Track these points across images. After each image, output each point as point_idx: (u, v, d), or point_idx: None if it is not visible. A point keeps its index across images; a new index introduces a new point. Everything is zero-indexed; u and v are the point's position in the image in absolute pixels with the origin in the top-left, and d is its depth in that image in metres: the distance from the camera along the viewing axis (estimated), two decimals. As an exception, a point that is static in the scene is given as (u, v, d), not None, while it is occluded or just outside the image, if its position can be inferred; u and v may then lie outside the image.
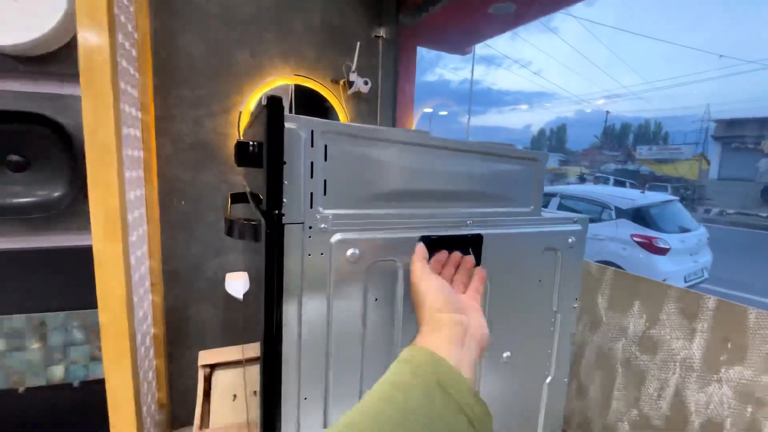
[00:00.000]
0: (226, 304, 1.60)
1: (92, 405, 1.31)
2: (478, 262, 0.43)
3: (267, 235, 0.32)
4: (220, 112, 1.49)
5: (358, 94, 1.66)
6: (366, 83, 1.58)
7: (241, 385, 0.73)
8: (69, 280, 1.28)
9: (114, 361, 1.04)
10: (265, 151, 0.31)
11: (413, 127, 1.88)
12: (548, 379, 0.52)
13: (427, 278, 0.37)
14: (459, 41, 1.98)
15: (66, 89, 1.24)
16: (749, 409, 0.55)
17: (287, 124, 0.32)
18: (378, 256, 0.38)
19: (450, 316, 0.35)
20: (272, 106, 0.30)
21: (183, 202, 1.48)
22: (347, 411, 0.26)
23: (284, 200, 0.33)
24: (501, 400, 0.49)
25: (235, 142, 1.48)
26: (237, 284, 1.39)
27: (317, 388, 0.37)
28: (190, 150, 1.47)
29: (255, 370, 0.75)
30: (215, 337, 1.56)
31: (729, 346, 0.58)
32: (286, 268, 0.33)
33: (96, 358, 1.34)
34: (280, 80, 1.55)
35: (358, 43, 1.58)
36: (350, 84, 1.57)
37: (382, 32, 1.62)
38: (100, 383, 1.31)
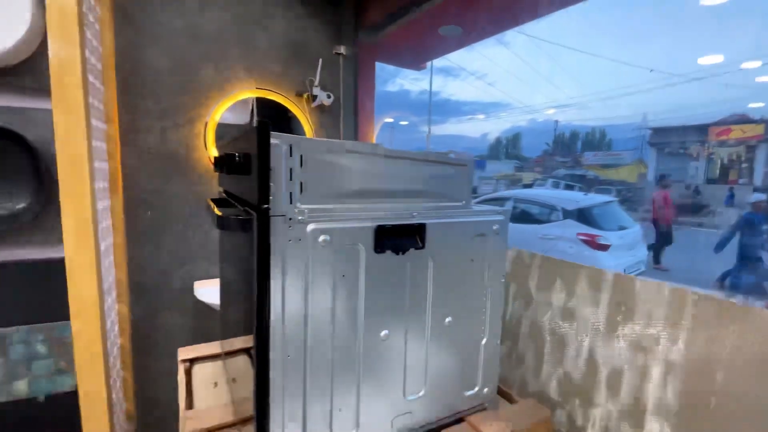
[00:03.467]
0: (194, 312, 1.63)
1: (60, 419, 1.30)
2: (423, 245, 0.55)
3: (259, 224, 0.42)
4: (185, 123, 1.54)
5: (321, 107, 1.76)
6: (329, 97, 1.69)
7: (221, 375, 0.80)
8: (32, 294, 1.27)
9: (87, 370, 1.07)
10: (257, 161, 0.41)
11: (375, 137, 2.00)
12: (484, 341, 0.65)
13: None
14: (414, 58, 2.14)
15: (28, 102, 1.25)
16: (639, 357, 0.71)
17: (272, 140, 0.42)
18: (344, 241, 0.49)
19: None
20: (262, 127, 0.41)
21: (149, 213, 1.51)
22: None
23: (270, 198, 0.43)
24: (447, 358, 0.61)
25: (201, 152, 1.53)
26: (209, 292, 1.44)
27: (299, 348, 0.47)
28: (156, 161, 1.50)
29: (233, 362, 0.82)
30: (184, 346, 1.59)
31: (623, 309, 0.73)
32: (273, 251, 0.43)
33: (61, 371, 1.33)
34: (245, 93, 1.63)
35: (321, 60, 1.69)
36: (314, 98, 1.68)
37: (342, 49, 1.74)
38: (67, 396, 1.30)
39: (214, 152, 1.58)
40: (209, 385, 0.78)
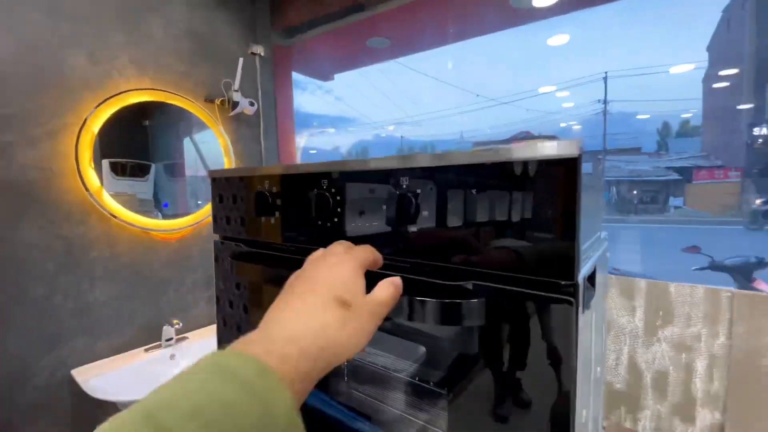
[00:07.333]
0: (77, 414, 1.10)
1: None
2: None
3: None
4: (43, 137, 1.04)
5: (238, 116, 1.44)
6: (252, 104, 1.40)
7: None
8: None
9: None
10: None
11: (297, 150, 1.77)
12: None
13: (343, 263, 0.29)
14: (327, 67, 1.98)
15: None
16: (683, 356, 0.76)
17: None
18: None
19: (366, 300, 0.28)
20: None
21: (-18, 276, 0.96)
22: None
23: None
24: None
25: (71, 178, 1.06)
26: (106, 382, 1.01)
27: None
28: (-10, 195, 0.96)
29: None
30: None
31: (661, 313, 0.78)
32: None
33: None
34: (137, 95, 1.20)
35: (241, 59, 1.38)
36: (234, 104, 1.36)
37: (260, 49, 1.46)
38: None
39: (94, 179, 1.11)
40: None
